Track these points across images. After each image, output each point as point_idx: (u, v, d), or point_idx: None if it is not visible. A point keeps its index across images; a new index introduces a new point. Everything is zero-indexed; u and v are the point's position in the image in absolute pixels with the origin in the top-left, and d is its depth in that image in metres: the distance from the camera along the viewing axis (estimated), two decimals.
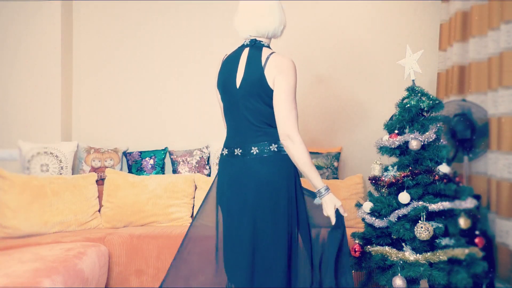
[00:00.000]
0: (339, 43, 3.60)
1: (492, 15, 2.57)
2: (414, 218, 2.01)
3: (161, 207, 3.07)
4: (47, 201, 2.90)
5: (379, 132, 2.61)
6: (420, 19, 3.52)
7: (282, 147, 1.75)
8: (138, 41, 3.68)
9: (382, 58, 3.55)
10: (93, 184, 3.14)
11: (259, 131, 1.77)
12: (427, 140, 2.09)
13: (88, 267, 2.31)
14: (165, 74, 3.67)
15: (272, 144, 1.76)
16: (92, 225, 3.03)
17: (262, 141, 1.76)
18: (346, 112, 3.59)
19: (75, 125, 3.69)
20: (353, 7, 3.59)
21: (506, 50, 2.43)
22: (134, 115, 3.67)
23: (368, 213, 2.18)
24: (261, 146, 1.75)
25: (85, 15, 3.69)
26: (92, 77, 3.70)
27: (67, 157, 3.30)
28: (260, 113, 1.76)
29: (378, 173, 2.26)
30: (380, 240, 2.11)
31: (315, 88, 3.60)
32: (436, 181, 2.03)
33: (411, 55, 2.27)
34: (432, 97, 2.17)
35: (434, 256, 1.94)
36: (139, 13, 3.68)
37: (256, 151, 1.75)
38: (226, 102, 1.87)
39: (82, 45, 3.70)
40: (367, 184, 3.27)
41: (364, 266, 2.10)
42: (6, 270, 1.93)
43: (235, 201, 1.78)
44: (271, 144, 1.76)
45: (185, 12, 3.64)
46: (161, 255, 2.66)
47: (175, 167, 3.41)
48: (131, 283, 2.66)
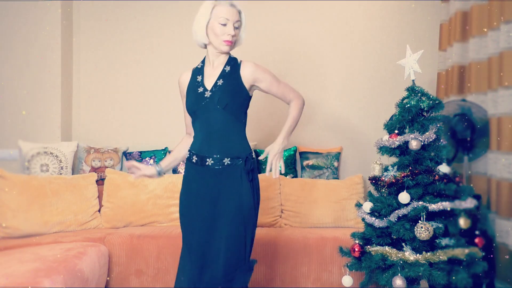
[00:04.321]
0: (339, 42, 3.60)
1: (492, 15, 2.57)
2: (414, 218, 2.01)
3: (161, 207, 3.08)
4: (47, 201, 2.90)
5: (379, 132, 2.61)
6: (420, 19, 3.52)
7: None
8: (138, 41, 3.68)
9: (382, 58, 3.55)
10: (93, 184, 3.14)
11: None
12: (427, 140, 2.09)
13: (88, 267, 2.31)
14: (165, 74, 3.67)
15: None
16: (92, 225, 3.03)
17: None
18: (346, 112, 3.59)
19: (75, 125, 3.69)
20: (353, 7, 3.59)
21: (506, 50, 2.43)
22: (134, 115, 3.67)
23: (368, 213, 2.18)
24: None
25: (85, 15, 3.69)
26: (92, 77, 3.70)
27: (67, 157, 3.30)
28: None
29: (378, 173, 2.26)
30: (380, 240, 2.11)
31: (315, 87, 3.61)
32: (436, 181, 2.03)
33: (411, 55, 2.27)
34: (432, 97, 2.17)
35: (434, 256, 1.93)
36: (140, 13, 3.68)
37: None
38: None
39: (82, 45, 3.70)
40: (367, 184, 3.27)
41: (364, 266, 2.10)
42: (6, 270, 1.93)
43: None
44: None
45: (186, 12, 3.63)
46: (161, 255, 2.66)
47: (175, 167, 3.41)
48: (131, 283, 2.65)
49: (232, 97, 1.88)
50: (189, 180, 1.94)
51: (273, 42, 3.58)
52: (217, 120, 1.87)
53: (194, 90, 1.94)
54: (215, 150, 1.86)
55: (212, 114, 1.87)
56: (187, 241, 1.92)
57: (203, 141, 1.89)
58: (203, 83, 1.93)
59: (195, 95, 1.92)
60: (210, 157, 1.86)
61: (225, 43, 1.87)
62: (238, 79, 1.91)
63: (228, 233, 1.81)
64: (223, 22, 1.85)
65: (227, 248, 1.80)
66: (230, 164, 1.86)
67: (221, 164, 1.86)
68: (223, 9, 1.85)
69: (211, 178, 1.87)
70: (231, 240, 1.81)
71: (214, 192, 1.87)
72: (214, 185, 1.87)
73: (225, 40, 1.86)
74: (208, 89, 1.90)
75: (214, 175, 1.86)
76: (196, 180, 1.91)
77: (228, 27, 1.86)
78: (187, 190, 1.94)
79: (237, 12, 1.88)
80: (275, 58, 3.57)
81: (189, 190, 1.93)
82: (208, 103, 1.88)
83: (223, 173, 1.86)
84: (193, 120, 1.96)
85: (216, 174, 1.86)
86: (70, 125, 3.68)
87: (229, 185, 1.85)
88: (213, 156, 1.86)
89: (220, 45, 1.88)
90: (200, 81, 1.94)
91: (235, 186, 1.85)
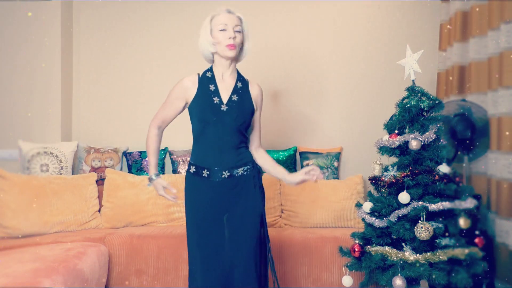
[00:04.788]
0: (339, 43, 3.60)
1: (492, 15, 2.57)
2: (414, 218, 2.01)
3: (161, 207, 3.07)
4: (47, 201, 2.90)
5: (379, 132, 2.61)
6: (420, 19, 3.52)
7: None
8: (139, 41, 3.68)
9: (382, 58, 3.55)
10: (93, 184, 3.14)
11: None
12: (427, 140, 2.09)
13: (88, 267, 2.31)
14: (165, 74, 3.67)
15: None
16: (92, 225, 3.03)
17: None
18: (346, 112, 3.59)
19: (75, 125, 3.69)
20: (353, 7, 3.59)
21: (506, 50, 2.43)
22: (134, 115, 3.67)
23: (368, 213, 2.18)
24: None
25: (85, 15, 3.69)
26: (92, 77, 3.70)
27: (67, 157, 3.30)
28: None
29: (378, 173, 2.26)
30: (380, 240, 2.11)
31: (315, 88, 3.60)
32: (436, 181, 2.03)
33: (411, 55, 2.26)
34: (432, 97, 2.17)
35: (434, 256, 1.93)
36: (140, 13, 3.68)
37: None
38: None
39: (82, 45, 3.70)
40: (367, 184, 3.27)
41: (364, 266, 2.10)
42: (6, 270, 1.93)
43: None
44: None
45: (187, 12, 3.64)
46: (161, 255, 2.66)
47: (175, 167, 3.41)
48: (131, 283, 2.65)
49: (247, 115, 1.94)
50: (200, 194, 1.93)
51: (273, 42, 3.58)
52: (230, 134, 1.90)
53: (208, 99, 1.92)
54: (226, 163, 1.90)
55: (226, 128, 1.90)
56: (204, 254, 1.91)
57: (214, 155, 1.90)
58: (219, 93, 1.93)
59: (210, 105, 1.91)
60: (224, 170, 1.89)
61: (228, 47, 1.88)
62: (249, 98, 1.98)
63: (250, 240, 1.88)
64: (222, 28, 1.88)
65: (248, 254, 1.87)
66: (243, 174, 1.91)
67: (233, 175, 1.90)
68: (221, 16, 1.90)
69: (226, 189, 1.90)
70: (253, 242, 1.88)
71: (230, 203, 1.90)
72: (228, 195, 1.90)
73: (227, 44, 1.87)
74: (224, 102, 1.92)
75: (228, 186, 1.90)
76: (208, 193, 1.91)
77: (228, 31, 1.88)
78: (199, 203, 1.93)
79: (236, 18, 1.91)
80: (274, 59, 3.57)
81: (203, 203, 1.92)
82: (224, 117, 1.89)
83: (236, 183, 1.90)
84: (200, 130, 1.93)
85: (230, 185, 1.90)
86: (70, 125, 3.68)
87: (245, 194, 1.90)
88: (225, 168, 1.89)
89: (223, 51, 1.90)
90: (213, 91, 1.94)
91: (250, 194, 1.91)
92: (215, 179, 1.89)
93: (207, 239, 1.89)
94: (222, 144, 1.90)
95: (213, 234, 1.89)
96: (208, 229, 1.89)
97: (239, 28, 1.90)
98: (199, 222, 1.91)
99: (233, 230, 1.88)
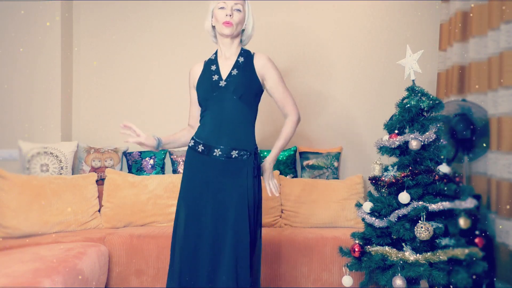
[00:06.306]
0: (339, 43, 3.60)
1: (492, 15, 2.57)
2: (414, 218, 2.01)
3: (161, 207, 3.08)
4: (47, 201, 2.90)
5: (379, 132, 2.61)
6: (420, 19, 3.52)
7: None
8: (138, 41, 3.68)
9: (382, 58, 3.55)
10: (93, 184, 3.14)
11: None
12: (427, 140, 2.09)
13: (88, 267, 2.31)
14: (166, 74, 3.67)
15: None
16: (92, 225, 3.03)
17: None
18: (346, 112, 3.59)
19: (75, 125, 3.69)
20: (353, 7, 3.59)
21: (506, 50, 2.43)
22: (134, 115, 3.67)
23: (368, 213, 2.18)
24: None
25: (85, 15, 3.69)
26: (92, 77, 3.70)
27: (67, 157, 3.30)
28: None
29: (378, 173, 2.26)
30: (380, 240, 2.11)
31: (315, 88, 3.60)
32: (436, 181, 2.03)
33: (411, 55, 2.27)
34: (432, 97, 2.17)
35: (434, 256, 1.93)
36: (140, 13, 3.68)
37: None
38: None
39: (82, 45, 3.70)
40: (367, 184, 3.27)
41: (364, 266, 2.10)
42: (6, 270, 1.93)
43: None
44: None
45: (187, 12, 3.64)
46: (161, 255, 2.66)
47: (175, 167, 3.41)
48: (131, 283, 2.65)
49: (247, 87, 1.92)
50: (193, 170, 1.93)
51: (273, 42, 3.58)
52: (230, 110, 1.89)
53: (208, 78, 1.96)
54: (224, 141, 1.87)
55: (226, 103, 1.89)
56: (187, 231, 1.87)
57: (212, 131, 1.89)
58: (219, 71, 1.96)
59: (209, 83, 1.94)
60: (217, 148, 1.87)
61: (224, 25, 1.92)
62: (252, 70, 1.95)
63: (236, 228, 1.80)
64: (221, 6, 1.93)
65: (235, 244, 1.79)
66: (237, 157, 1.87)
67: (228, 156, 1.86)
68: None
69: (216, 169, 1.87)
70: (238, 235, 1.80)
71: (218, 183, 1.86)
72: (218, 176, 1.86)
73: (223, 21, 1.91)
74: (223, 78, 1.93)
75: (219, 166, 1.86)
76: (200, 170, 1.89)
77: (226, 9, 1.92)
78: (191, 179, 1.92)
79: None
80: (274, 59, 3.57)
81: (193, 179, 1.91)
82: (223, 92, 1.90)
83: (228, 166, 1.86)
84: (204, 109, 1.96)
85: (222, 166, 1.86)
86: (70, 125, 3.68)
87: (234, 178, 1.85)
88: (221, 147, 1.87)
89: (221, 28, 1.94)
90: (214, 70, 1.97)
91: (240, 179, 1.85)
92: (209, 155, 1.88)
93: (192, 216, 1.86)
94: (222, 120, 1.89)
95: (197, 213, 1.85)
96: (192, 206, 1.87)
97: (238, 7, 1.93)
98: (187, 194, 1.91)
99: (215, 217, 1.83)
